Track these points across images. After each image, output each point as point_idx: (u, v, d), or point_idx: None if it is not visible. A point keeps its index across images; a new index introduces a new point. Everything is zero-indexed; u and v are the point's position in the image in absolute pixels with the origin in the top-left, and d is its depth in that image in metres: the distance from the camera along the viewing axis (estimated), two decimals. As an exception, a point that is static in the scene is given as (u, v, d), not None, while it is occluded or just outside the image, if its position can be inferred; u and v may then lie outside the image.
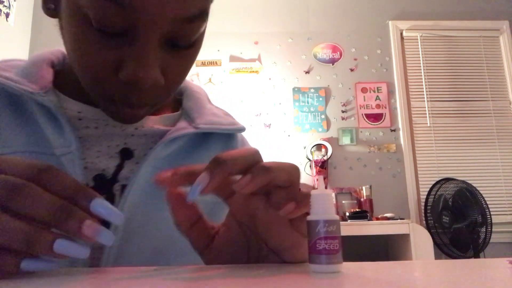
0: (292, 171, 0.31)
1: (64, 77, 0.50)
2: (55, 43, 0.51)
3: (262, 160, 0.31)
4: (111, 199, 0.44)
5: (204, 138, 0.53)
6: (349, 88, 3.12)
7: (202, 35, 0.44)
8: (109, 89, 0.41)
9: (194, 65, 0.49)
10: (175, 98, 0.58)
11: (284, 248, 0.34)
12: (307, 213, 0.30)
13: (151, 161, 0.46)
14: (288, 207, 0.29)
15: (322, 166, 2.80)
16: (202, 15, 0.40)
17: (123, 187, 0.45)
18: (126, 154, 0.47)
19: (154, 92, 0.42)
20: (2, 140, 0.44)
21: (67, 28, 0.41)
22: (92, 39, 0.38)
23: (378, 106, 3.10)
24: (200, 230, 0.34)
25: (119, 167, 0.46)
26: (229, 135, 0.56)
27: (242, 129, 0.56)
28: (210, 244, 0.35)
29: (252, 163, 0.30)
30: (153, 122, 0.51)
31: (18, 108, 0.46)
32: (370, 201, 2.69)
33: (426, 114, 3.11)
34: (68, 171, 0.42)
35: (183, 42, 0.41)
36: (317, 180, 2.74)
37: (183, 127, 0.50)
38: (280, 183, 0.30)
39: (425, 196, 2.81)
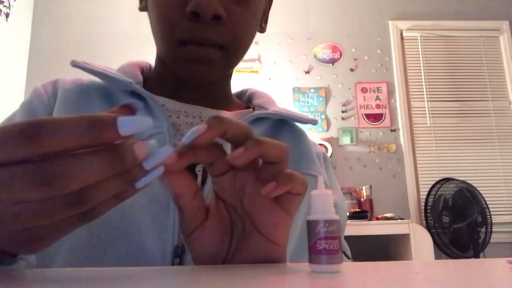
0: (283, 148, 0.32)
1: (150, 81, 0.59)
2: (55, 43, 0.52)
3: (254, 135, 0.32)
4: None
5: (278, 129, 0.58)
6: (349, 88, 3.12)
7: None
8: (179, 28, 0.47)
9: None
10: (246, 100, 0.64)
11: (269, 225, 0.34)
12: (299, 194, 0.32)
13: None
14: (267, 186, 0.30)
15: (322, 166, 2.80)
16: None
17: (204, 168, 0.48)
18: None
19: (217, 28, 0.48)
20: None
21: None
22: None
23: (378, 106, 3.10)
24: (199, 204, 0.33)
25: None
26: (299, 131, 0.61)
27: (315, 121, 0.63)
28: (203, 223, 0.34)
29: (246, 133, 0.31)
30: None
31: (109, 100, 0.53)
32: (370, 201, 2.69)
33: (426, 114, 3.11)
34: None
35: None
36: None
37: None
38: (270, 158, 0.31)
39: (425, 196, 2.82)
